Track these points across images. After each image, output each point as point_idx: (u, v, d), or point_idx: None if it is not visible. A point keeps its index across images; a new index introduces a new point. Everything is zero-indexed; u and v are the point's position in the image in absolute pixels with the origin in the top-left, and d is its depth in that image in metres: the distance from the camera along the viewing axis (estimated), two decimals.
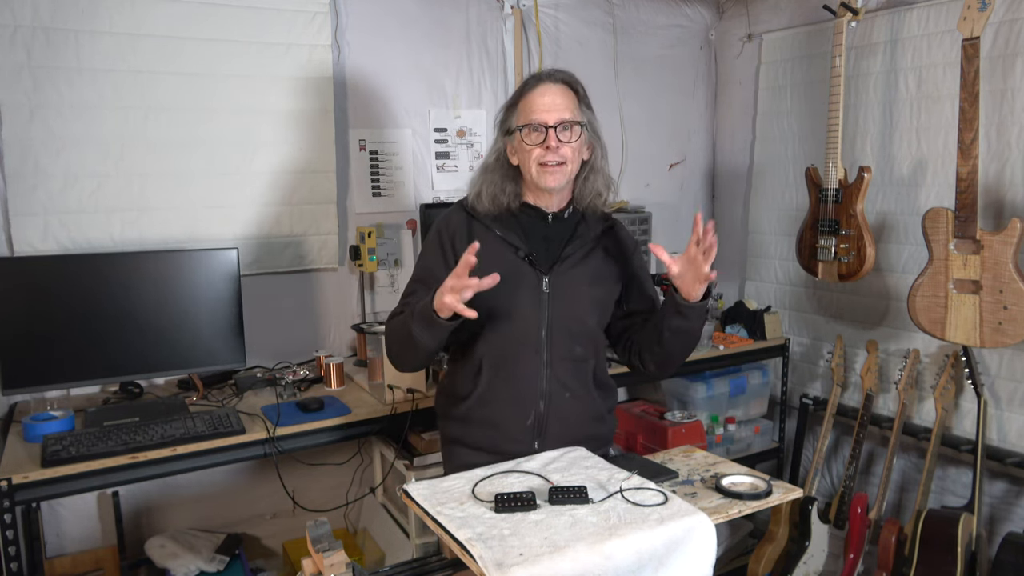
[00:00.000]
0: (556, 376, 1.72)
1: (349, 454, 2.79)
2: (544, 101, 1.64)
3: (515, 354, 1.71)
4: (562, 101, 1.65)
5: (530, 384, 1.71)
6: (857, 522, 2.72)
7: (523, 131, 1.64)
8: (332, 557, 1.28)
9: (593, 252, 1.77)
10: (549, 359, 1.71)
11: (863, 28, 2.86)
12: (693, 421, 2.78)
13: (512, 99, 1.71)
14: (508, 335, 1.70)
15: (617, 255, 1.80)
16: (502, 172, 1.71)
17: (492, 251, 1.67)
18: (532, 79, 1.68)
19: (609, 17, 3.29)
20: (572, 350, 1.74)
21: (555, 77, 1.67)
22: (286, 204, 2.64)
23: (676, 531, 1.37)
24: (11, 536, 1.78)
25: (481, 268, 1.63)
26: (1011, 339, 2.28)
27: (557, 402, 1.73)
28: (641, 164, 3.47)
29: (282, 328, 2.70)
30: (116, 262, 2.20)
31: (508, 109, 1.71)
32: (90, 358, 2.16)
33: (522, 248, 1.70)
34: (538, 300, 1.70)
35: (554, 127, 1.63)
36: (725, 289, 3.57)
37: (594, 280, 1.76)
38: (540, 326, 1.70)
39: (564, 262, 1.72)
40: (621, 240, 1.82)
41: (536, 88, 1.66)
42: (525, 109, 1.65)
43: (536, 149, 1.64)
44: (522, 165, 1.69)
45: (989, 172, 2.51)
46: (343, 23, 2.71)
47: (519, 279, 1.69)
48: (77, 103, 2.29)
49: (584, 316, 1.75)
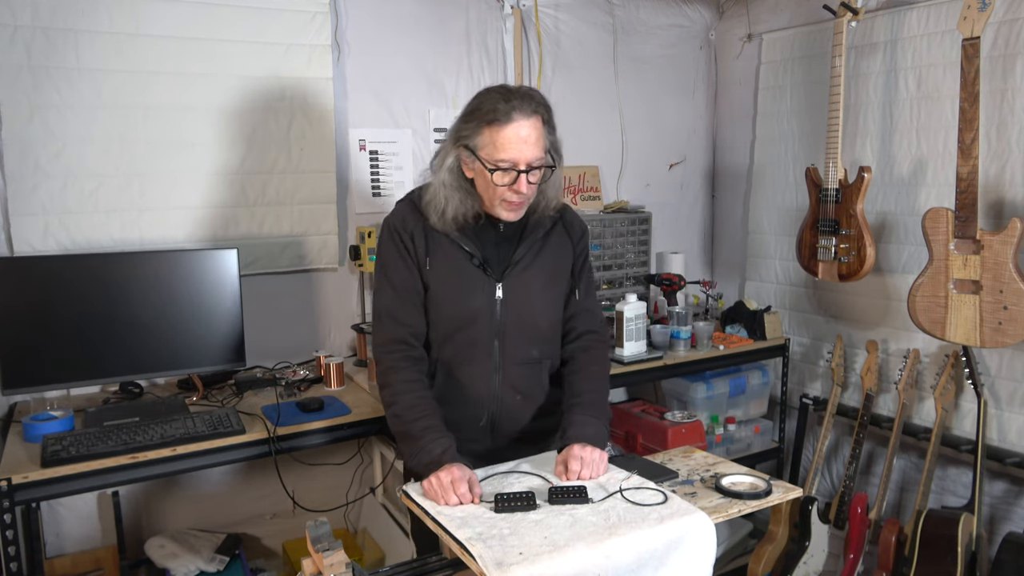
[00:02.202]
0: (508, 379, 1.75)
1: (349, 454, 2.79)
2: (517, 140, 1.56)
3: (467, 358, 1.74)
4: (535, 138, 1.58)
5: (482, 387, 1.75)
6: (857, 522, 2.72)
7: (494, 173, 1.58)
8: (332, 557, 1.28)
9: (544, 249, 1.77)
10: (502, 363, 1.74)
11: (863, 28, 2.86)
12: (693, 421, 2.78)
13: (476, 116, 1.60)
14: (461, 341, 1.72)
15: (567, 244, 1.81)
16: (462, 189, 1.66)
17: (447, 256, 1.70)
18: (503, 106, 1.56)
19: (609, 17, 3.29)
20: (528, 353, 1.77)
21: (527, 109, 1.57)
22: (286, 204, 2.64)
23: (676, 530, 1.37)
24: (11, 536, 1.78)
25: (439, 274, 1.69)
26: (1011, 339, 2.28)
27: (509, 404, 1.77)
28: (641, 164, 3.48)
29: (282, 328, 2.70)
30: (116, 262, 2.20)
31: (468, 122, 1.61)
32: (90, 358, 2.16)
33: (476, 255, 1.70)
34: (492, 306, 1.71)
35: (525, 171, 1.59)
36: (725, 289, 3.58)
37: (547, 281, 1.77)
38: (493, 332, 1.72)
39: (516, 266, 1.73)
40: (568, 226, 1.82)
41: (510, 123, 1.56)
42: (496, 143, 1.57)
43: (503, 188, 1.61)
44: (483, 193, 1.66)
45: (989, 172, 2.51)
46: (343, 23, 2.70)
47: (474, 286, 1.70)
48: (77, 103, 2.29)
49: (538, 319, 1.77)
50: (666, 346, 2.85)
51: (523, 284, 1.73)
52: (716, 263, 3.76)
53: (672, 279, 3.06)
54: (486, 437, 1.77)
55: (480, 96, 1.62)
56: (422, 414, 1.61)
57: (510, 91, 1.59)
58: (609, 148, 3.38)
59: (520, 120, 1.56)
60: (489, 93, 1.61)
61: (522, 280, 1.73)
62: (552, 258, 1.78)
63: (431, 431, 1.58)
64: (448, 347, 1.73)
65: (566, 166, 3.20)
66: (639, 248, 3.23)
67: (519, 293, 1.72)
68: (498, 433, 1.78)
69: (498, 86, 1.63)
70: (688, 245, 3.63)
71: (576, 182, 3.24)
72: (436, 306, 1.71)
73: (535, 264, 1.75)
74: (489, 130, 1.57)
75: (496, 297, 1.71)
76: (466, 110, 1.64)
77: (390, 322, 1.71)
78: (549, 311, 1.79)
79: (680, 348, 2.85)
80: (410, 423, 1.61)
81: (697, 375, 3.06)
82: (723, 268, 3.71)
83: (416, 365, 1.70)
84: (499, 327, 1.72)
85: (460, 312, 1.70)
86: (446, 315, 1.71)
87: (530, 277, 1.74)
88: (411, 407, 1.62)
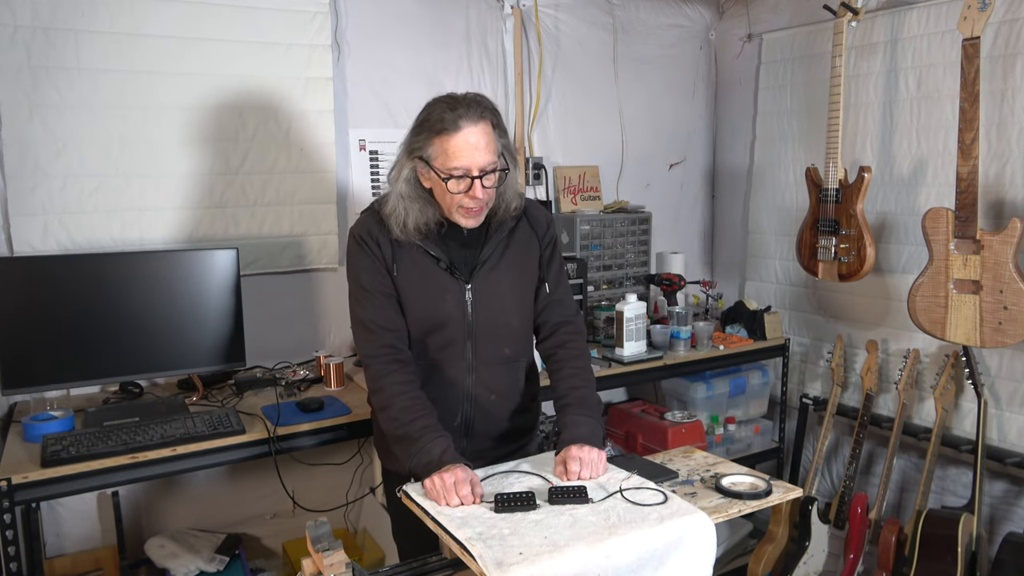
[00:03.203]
0: (481, 380, 1.76)
1: (349, 454, 2.78)
2: (468, 147, 1.57)
3: (440, 361, 1.75)
4: (485, 143, 1.59)
5: (455, 389, 1.76)
6: (857, 522, 2.72)
7: (448, 182, 1.59)
8: (332, 557, 1.28)
9: (509, 247, 1.77)
10: (474, 364, 1.75)
11: (863, 28, 2.86)
12: (693, 421, 2.78)
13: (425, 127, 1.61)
14: (434, 344, 1.74)
15: (533, 240, 1.80)
16: (421, 199, 1.66)
17: (414, 262, 1.70)
18: (450, 115, 1.57)
19: (609, 17, 3.29)
20: (500, 352, 1.77)
21: (473, 115, 1.58)
22: (286, 204, 2.64)
23: (676, 531, 1.37)
24: (11, 536, 1.78)
25: (407, 280, 1.70)
26: (1011, 339, 2.28)
27: (483, 403, 1.78)
28: (641, 164, 3.48)
29: (282, 328, 2.70)
30: (116, 262, 2.20)
31: (418, 134, 1.63)
32: (90, 358, 2.16)
33: (443, 259, 1.70)
34: (462, 309, 1.72)
35: (479, 176, 1.59)
36: (725, 289, 3.58)
37: (516, 279, 1.77)
38: (464, 334, 1.73)
39: (483, 266, 1.73)
40: (533, 221, 1.81)
41: (459, 131, 1.57)
42: (447, 152, 1.58)
43: (459, 195, 1.61)
44: (440, 201, 1.66)
45: (989, 172, 2.51)
46: (343, 23, 2.70)
47: (442, 290, 1.71)
48: (77, 103, 2.29)
49: (508, 319, 1.77)
50: (666, 346, 2.85)
51: (491, 284, 1.73)
52: (716, 263, 3.76)
53: (672, 279, 3.07)
54: (460, 437, 1.77)
55: (428, 107, 1.64)
56: (418, 415, 1.61)
57: (456, 99, 1.60)
58: (609, 148, 3.38)
59: (468, 127, 1.57)
60: (436, 103, 1.62)
61: (490, 280, 1.73)
62: (519, 255, 1.78)
63: (429, 431, 1.58)
64: (420, 350, 1.74)
65: (566, 166, 3.22)
66: (639, 248, 3.23)
67: (488, 293, 1.73)
68: (472, 433, 1.79)
69: (445, 96, 1.63)
70: (688, 245, 3.63)
71: (576, 182, 3.24)
72: (407, 312, 1.72)
73: (502, 263, 1.75)
74: (439, 140, 1.58)
75: (466, 299, 1.72)
76: (416, 122, 1.65)
77: (374, 328, 1.69)
78: (519, 309, 1.79)
79: (680, 348, 2.85)
80: (407, 424, 1.61)
81: (697, 375, 3.06)
82: (723, 268, 3.71)
83: (406, 367, 1.69)
84: (470, 328, 1.73)
85: (431, 316, 1.71)
86: (417, 320, 1.71)
87: (498, 276, 1.74)
88: (406, 409, 1.62)
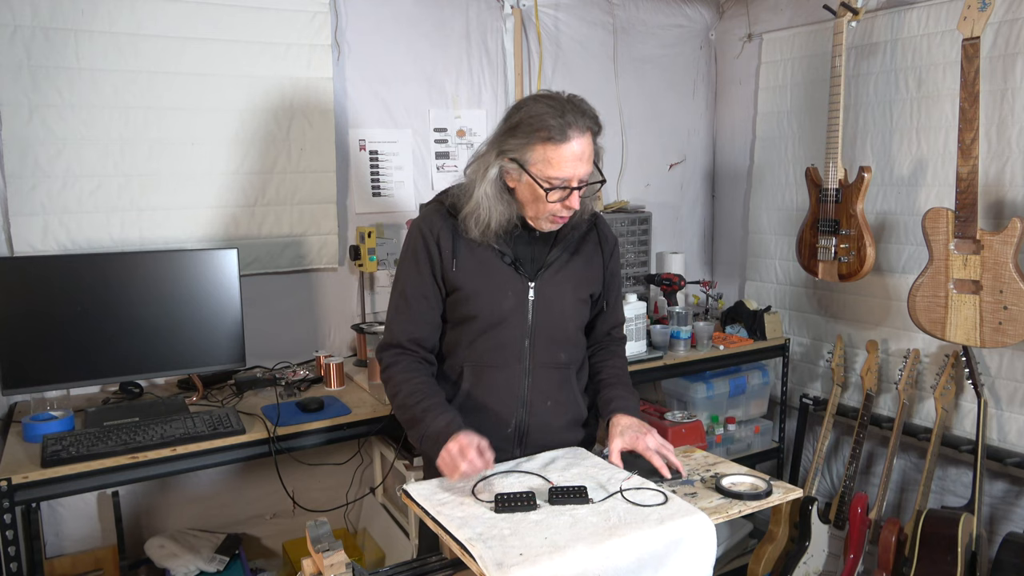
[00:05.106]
0: (537, 384, 1.71)
1: (349, 454, 2.78)
2: (572, 158, 1.52)
3: (497, 362, 1.69)
4: (588, 154, 1.55)
5: (511, 393, 1.70)
6: (857, 522, 2.72)
7: (549, 192, 1.54)
8: (332, 557, 1.28)
9: (577, 254, 1.75)
10: (531, 367, 1.70)
11: (863, 28, 2.86)
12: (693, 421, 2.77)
13: (526, 130, 1.53)
14: (491, 343, 1.68)
15: (597, 254, 1.79)
16: (505, 200, 1.60)
17: (477, 256, 1.65)
18: (557, 122, 1.50)
19: (609, 17, 3.29)
20: (556, 357, 1.73)
21: (581, 125, 1.52)
22: (286, 204, 2.64)
23: (676, 531, 1.37)
24: (11, 536, 1.78)
25: (468, 274, 1.65)
26: (1011, 339, 2.28)
27: (539, 410, 1.72)
28: (641, 164, 3.48)
29: (282, 328, 2.70)
30: (116, 262, 2.20)
31: (515, 135, 1.55)
32: (90, 358, 2.15)
33: (508, 254, 1.67)
34: (524, 308, 1.68)
35: (578, 188, 1.56)
36: (725, 289, 3.58)
37: (577, 285, 1.74)
38: (524, 334, 1.68)
39: (549, 267, 1.70)
40: (602, 237, 1.80)
41: (566, 143, 1.50)
42: (550, 161, 1.52)
43: (554, 204, 1.57)
44: (527, 206, 1.61)
45: (989, 172, 2.51)
46: (343, 23, 2.70)
47: (505, 286, 1.66)
48: (77, 103, 2.29)
49: (567, 323, 1.74)
50: (666, 346, 2.85)
51: (555, 286, 1.70)
52: (716, 263, 3.76)
53: (672, 279, 3.06)
54: (513, 446, 1.71)
55: (528, 107, 1.54)
56: (422, 397, 1.60)
57: (561, 104, 1.53)
58: (609, 148, 3.37)
59: (576, 138, 1.51)
60: (536, 103, 1.54)
61: (555, 282, 1.70)
62: (584, 264, 1.75)
63: (432, 409, 1.58)
64: (476, 350, 1.69)
65: None
66: (639, 248, 3.23)
67: (551, 294, 1.69)
68: (527, 443, 1.72)
69: (544, 95, 1.56)
70: (688, 245, 3.64)
71: None
72: (465, 306, 1.66)
73: (568, 267, 1.72)
74: (543, 148, 1.51)
75: (528, 297, 1.67)
76: (511, 121, 1.56)
77: (394, 325, 1.70)
78: (577, 316, 1.76)
79: (680, 348, 2.85)
80: (412, 407, 1.60)
81: (697, 375, 3.06)
82: (723, 268, 3.71)
83: (414, 358, 1.68)
84: (530, 329, 1.68)
85: (490, 312, 1.65)
86: (475, 315, 1.66)
87: (562, 279, 1.71)
88: (412, 393, 1.62)
